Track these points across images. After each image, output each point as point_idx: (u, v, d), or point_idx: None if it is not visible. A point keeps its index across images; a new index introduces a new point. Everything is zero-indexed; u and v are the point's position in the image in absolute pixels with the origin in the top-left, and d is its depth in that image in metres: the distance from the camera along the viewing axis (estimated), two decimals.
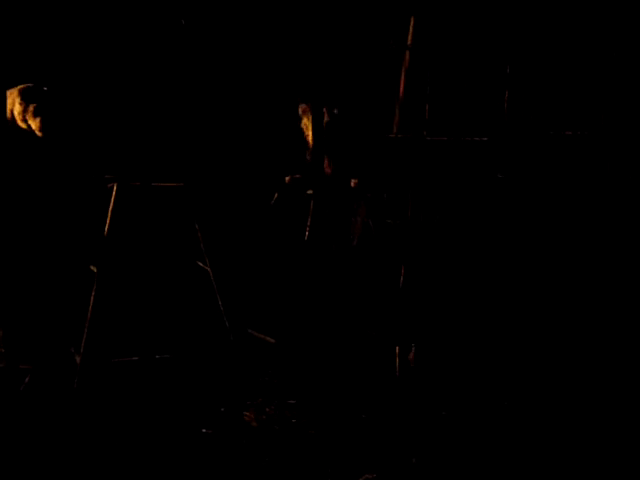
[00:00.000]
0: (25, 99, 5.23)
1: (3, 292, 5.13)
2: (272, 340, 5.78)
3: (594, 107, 6.04)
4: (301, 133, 5.87)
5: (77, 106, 5.95)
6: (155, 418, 4.84)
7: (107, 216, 5.26)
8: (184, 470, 4.26)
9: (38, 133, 5.25)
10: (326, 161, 5.58)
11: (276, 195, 5.90)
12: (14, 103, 5.23)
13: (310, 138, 5.72)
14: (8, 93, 5.22)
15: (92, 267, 5.27)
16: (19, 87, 5.27)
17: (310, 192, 5.89)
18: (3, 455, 4.32)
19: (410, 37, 6.42)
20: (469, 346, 5.35)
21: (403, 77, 6.41)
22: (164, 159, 6.21)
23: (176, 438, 4.61)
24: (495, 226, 5.76)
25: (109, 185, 5.23)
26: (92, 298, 5.21)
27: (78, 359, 5.21)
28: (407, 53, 6.41)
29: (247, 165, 6.58)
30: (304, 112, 5.92)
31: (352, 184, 5.52)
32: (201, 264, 5.53)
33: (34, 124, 5.25)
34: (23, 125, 5.26)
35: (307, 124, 5.82)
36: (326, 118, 5.64)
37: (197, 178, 5.83)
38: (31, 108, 5.22)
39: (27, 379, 5.17)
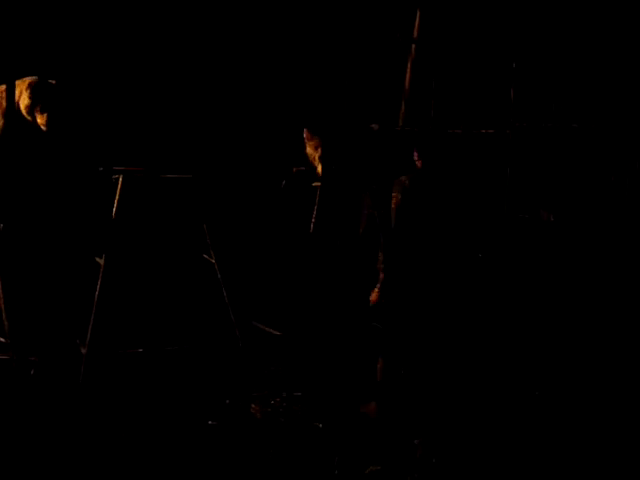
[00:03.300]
0: (34, 94, 5.21)
1: (9, 284, 5.14)
2: (277, 332, 5.78)
3: (601, 100, 6.03)
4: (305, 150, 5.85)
5: (82, 99, 5.94)
6: (161, 410, 4.85)
7: (113, 208, 5.25)
8: (190, 461, 4.26)
9: (43, 128, 5.25)
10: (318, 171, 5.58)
11: (284, 182, 5.88)
12: (21, 95, 5.21)
13: (317, 163, 5.69)
14: (17, 83, 5.18)
15: (97, 259, 5.27)
16: (27, 80, 5.25)
17: (315, 184, 5.88)
18: (11, 448, 4.33)
19: (416, 30, 6.40)
20: (472, 340, 5.35)
21: (409, 70, 6.39)
22: (171, 151, 6.21)
23: (182, 429, 4.61)
24: (500, 219, 5.76)
25: (114, 177, 5.22)
26: (97, 290, 5.20)
27: (83, 351, 5.21)
28: (413, 46, 6.39)
29: (254, 157, 6.58)
30: (308, 139, 5.85)
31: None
32: (207, 257, 5.53)
33: (40, 119, 5.25)
34: (29, 118, 5.25)
35: (312, 154, 5.77)
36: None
37: (205, 170, 5.83)
38: (39, 104, 5.20)
39: (32, 370, 5.18)
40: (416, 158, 4.88)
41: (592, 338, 5.44)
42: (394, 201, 4.76)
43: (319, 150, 5.57)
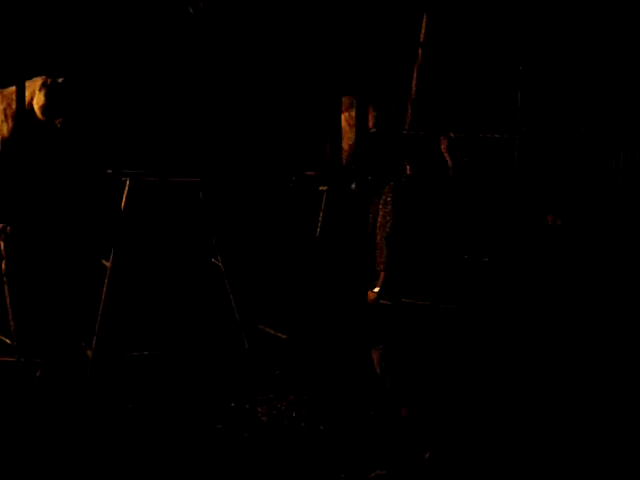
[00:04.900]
0: (50, 94, 5.20)
1: (15, 286, 5.14)
2: (283, 336, 5.78)
3: (609, 104, 6.03)
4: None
5: (91, 99, 5.96)
6: (166, 412, 4.85)
7: (121, 211, 5.26)
8: (195, 465, 4.27)
9: (59, 126, 5.24)
10: (346, 159, 5.54)
11: (291, 185, 5.89)
12: (34, 96, 5.20)
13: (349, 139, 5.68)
14: (27, 84, 5.17)
15: (104, 262, 5.27)
16: (38, 80, 5.24)
17: (322, 188, 5.89)
18: (16, 449, 4.33)
19: (423, 34, 6.41)
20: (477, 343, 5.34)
21: (415, 74, 6.41)
22: (179, 154, 6.22)
23: (188, 432, 4.61)
24: (508, 223, 5.76)
25: (122, 179, 5.23)
26: (104, 292, 5.21)
27: (89, 353, 5.21)
28: (420, 50, 6.41)
29: (261, 161, 6.59)
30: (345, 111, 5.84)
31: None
32: (214, 260, 5.53)
33: (56, 119, 5.24)
34: (43, 118, 5.25)
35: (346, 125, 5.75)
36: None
37: (212, 174, 5.84)
38: (54, 102, 5.20)
39: (39, 373, 5.18)
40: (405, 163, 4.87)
41: (598, 341, 5.43)
42: (382, 207, 4.74)
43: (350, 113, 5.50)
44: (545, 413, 4.89)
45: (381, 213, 4.71)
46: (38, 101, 5.20)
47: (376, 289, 4.81)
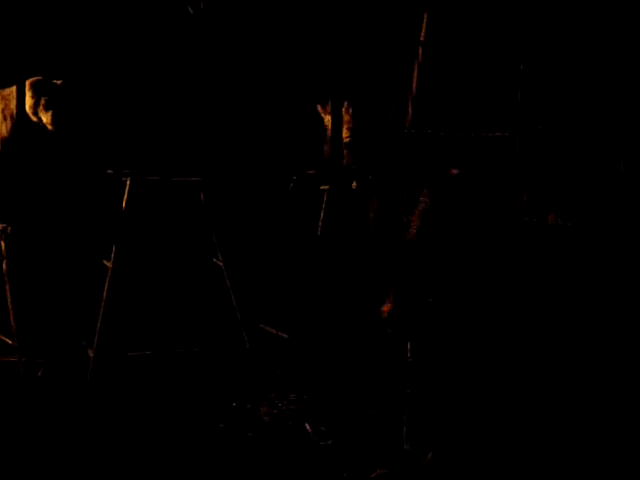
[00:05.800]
0: (36, 92, 5.19)
1: (16, 285, 5.14)
2: (285, 335, 5.78)
3: (611, 103, 6.02)
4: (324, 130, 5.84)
5: (89, 100, 5.95)
6: (167, 412, 4.85)
7: (121, 211, 5.26)
8: (196, 465, 4.27)
9: (49, 127, 5.23)
10: (347, 157, 5.54)
11: (291, 185, 5.89)
12: (25, 96, 5.19)
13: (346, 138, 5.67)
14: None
15: (105, 262, 5.27)
16: (30, 80, 5.23)
17: (323, 187, 5.89)
18: (17, 450, 4.33)
19: (423, 32, 6.40)
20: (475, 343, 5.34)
21: (416, 73, 6.39)
22: (179, 153, 6.22)
23: (189, 432, 4.61)
24: (508, 223, 5.75)
25: (123, 179, 5.23)
26: (105, 292, 5.21)
27: (91, 353, 5.21)
28: (420, 49, 6.40)
29: (262, 160, 6.58)
30: (327, 111, 5.84)
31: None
32: (216, 260, 5.53)
33: (45, 117, 5.23)
34: (34, 118, 5.24)
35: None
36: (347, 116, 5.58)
37: (213, 173, 5.84)
38: (42, 102, 5.19)
39: (40, 372, 5.19)
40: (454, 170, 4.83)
41: (601, 343, 5.43)
42: (421, 207, 4.71)
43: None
44: (548, 414, 4.89)
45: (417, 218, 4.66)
46: (27, 102, 5.19)
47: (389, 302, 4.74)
